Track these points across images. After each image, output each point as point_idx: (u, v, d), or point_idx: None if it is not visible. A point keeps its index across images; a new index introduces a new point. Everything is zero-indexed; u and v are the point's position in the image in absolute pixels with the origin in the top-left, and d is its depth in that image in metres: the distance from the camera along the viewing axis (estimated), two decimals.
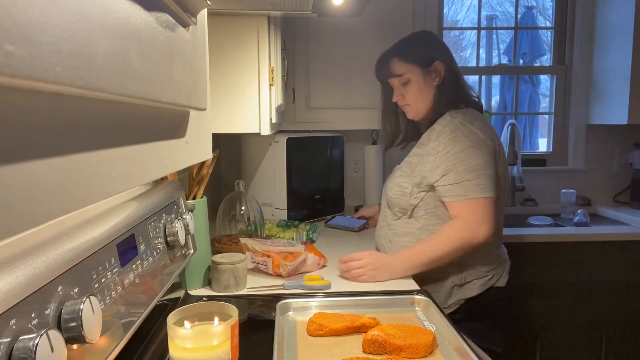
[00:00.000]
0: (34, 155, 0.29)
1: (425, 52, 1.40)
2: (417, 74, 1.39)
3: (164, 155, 0.57)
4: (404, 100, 1.44)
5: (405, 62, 1.40)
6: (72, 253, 0.52)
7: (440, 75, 1.39)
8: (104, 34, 0.34)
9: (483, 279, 1.36)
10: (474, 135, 1.29)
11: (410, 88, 1.41)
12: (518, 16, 2.62)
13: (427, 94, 1.40)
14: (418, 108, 1.42)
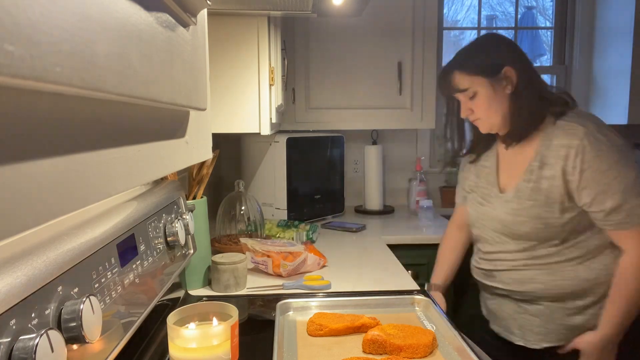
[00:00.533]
0: (34, 155, 0.29)
1: (490, 60, 1.24)
2: (485, 85, 1.22)
3: (164, 155, 0.57)
4: (474, 115, 1.27)
5: (469, 75, 1.23)
6: (72, 253, 0.52)
7: (512, 82, 1.21)
8: (104, 34, 0.34)
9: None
10: (617, 144, 1.14)
11: (478, 101, 1.24)
12: (518, 16, 2.62)
13: (500, 104, 1.23)
14: (492, 121, 1.26)
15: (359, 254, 1.59)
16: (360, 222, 2.04)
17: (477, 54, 1.28)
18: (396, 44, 2.16)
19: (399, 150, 2.49)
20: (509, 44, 1.29)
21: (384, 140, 2.45)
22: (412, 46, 2.16)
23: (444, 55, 2.53)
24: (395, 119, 2.19)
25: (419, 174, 2.29)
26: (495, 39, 1.31)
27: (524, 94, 1.21)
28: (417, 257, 1.85)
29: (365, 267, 1.44)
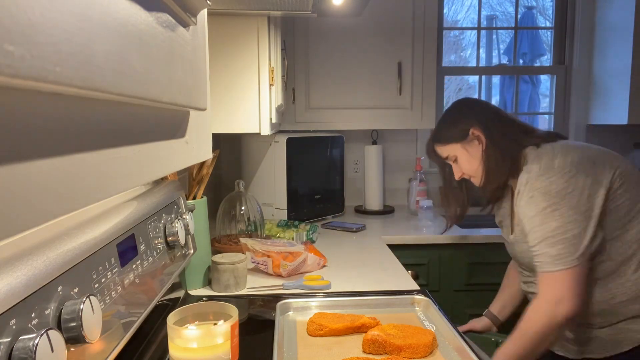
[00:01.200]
0: (34, 155, 0.29)
1: (456, 127, 1.36)
2: (459, 149, 1.36)
3: (164, 155, 0.57)
4: (465, 175, 1.40)
5: (444, 145, 1.39)
6: (72, 253, 0.52)
7: (481, 140, 1.32)
8: (104, 34, 0.34)
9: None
10: (551, 190, 1.13)
11: (461, 163, 1.38)
12: (518, 16, 2.62)
13: (480, 160, 1.33)
14: (479, 176, 1.36)
15: (359, 254, 1.59)
16: (360, 222, 2.04)
17: (445, 125, 1.41)
18: (396, 44, 2.16)
19: (399, 150, 2.49)
20: (470, 105, 1.42)
21: (384, 140, 2.45)
22: (412, 46, 2.16)
23: (444, 55, 2.53)
24: (395, 119, 2.19)
25: (419, 174, 2.29)
26: (458, 106, 1.44)
27: (497, 145, 1.30)
28: (417, 257, 1.85)
29: (365, 267, 1.44)
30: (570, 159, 1.15)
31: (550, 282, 1.12)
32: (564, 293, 1.10)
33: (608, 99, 2.31)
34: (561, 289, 1.10)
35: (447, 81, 2.56)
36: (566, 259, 1.10)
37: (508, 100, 3.21)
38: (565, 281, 1.10)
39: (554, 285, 1.11)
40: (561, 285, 1.11)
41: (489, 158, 1.31)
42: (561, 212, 1.11)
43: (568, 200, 1.11)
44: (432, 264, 1.88)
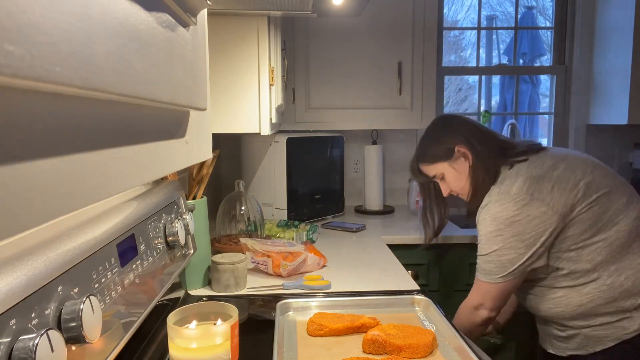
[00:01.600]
0: (34, 155, 0.29)
1: (441, 145, 1.38)
2: (446, 168, 1.39)
3: (164, 155, 0.57)
4: (453, 192, 1.44)
5: (430, 164, 1.41)
6: (72, 253, 0.52)
7: (467, 156, 1.35)
8: (104, 34, 0.34)
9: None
10: (501, 217, 1.21)
11: (449, 180, 1.41)
12: (518, 16, 2.63)
13: (467, 177, 1.37)
14: (467, 192, 1.40)
15: (359, 254, 1.59)
16: (360, 222, 2.04)
17: (429, 144, 1.43)
18: (396, 44, 2.16)
19: (399, 150, 2.49)
20: (450, 121, 1.43)
21: (384, 140, 2.45)
22: (412, 46, 2.16)
23: (444, 55, 2.53)
24: (395, 119, 2.19)
25: None
26: (439, 124, 1.46)
27: (482, 160, 1.33)
28: (417, 257, 1.85)
29: (365, 267, 1.44)
30: (527, 187, 1.21)
31: (477, 288, 1.28)
32: (484, 302, 1.24)
33: (608, 99, 2.32)
34: (483, 297, 1.25)
35: (447, 81, 2.56)
36: (493, 276, 1.24)
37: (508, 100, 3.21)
38: (489, 292, 1.25)
39: (478, 292, 1.27)
40: (484, 294, 1.25)
41: (476, 174, 1.34)
42: (504, 237, 1.21)
43: (514, 227, 1.20)
44: (432, 264, 1.88)
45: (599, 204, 1.19)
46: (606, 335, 1.18)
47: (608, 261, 1.17)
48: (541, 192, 1.19)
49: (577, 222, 1.18)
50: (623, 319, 1.16)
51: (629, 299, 1.15)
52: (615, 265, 1.16)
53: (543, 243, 1.18)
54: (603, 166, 1.28)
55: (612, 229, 1.17)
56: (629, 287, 1.15)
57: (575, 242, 1.18)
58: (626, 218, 1.18)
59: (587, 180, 1.20)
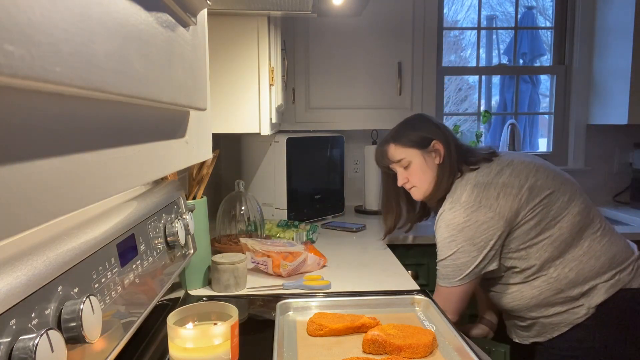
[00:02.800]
0: (34, 155, 0.29)
1: (421, 134, 1.40)
2: (417, 156, 1.40)
3: (164, 155, 0.57)
4: (410, 183, 1.44)
5: (403, 147, 1.41)
6: (72, 253, 0.52)
7: (440, 154, 1.38)
8: (104, 34, 0.34)
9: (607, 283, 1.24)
10: (453, 223, 1.27)
11: (412, 170, 1.41)
12: (518, 16, 2.62)
13: (431, 174, 1.39)
14: (424, 188, 1.41)
15: (359, 254, 1.59)
16: (360, 222, 2.04)
17: (408, 129, 1.44)
18: (396, 44, 2.16)
19: None
20: (437, 123, 1.46)
21: None
22: (412, 46, 2.16)
23: (444, 55, 2.53)
24: (395, 119, 2.18)
25: None
26: (425, 118, 1.49)
27: (450, 163, 1.37)
28: (417, 257, 1.85)
29: (365, 267, 1.44)
30: (475, 194, 1.28)
31: (437, 294, 1.33)
32: (446, 306, 1.26)
33: (608, 99, 2.32)
34: (444, 302, 1.29)
35: (447, 81, 2.56)
36: (450, 280, 1.29)
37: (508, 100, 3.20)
38: (449, 296, 1.30)
39: (439, 298, 1.30)
40: (445, 299, 1.30)
41: (442, 173, 1.38)
42: (457, 242, 1.27)
43: (465, 232, 1.26)
44: (432, 264, 1.88)
45: (542, 205, 1.26)
46: (560, 321, 1.27)
47: (554, 256, 1.26)
48: (488, 199, 1.26)
49: (523, 224, 1.26)
50: (573, 307, 1.25)
51: (575, 288, 1.24)
52: (560, 259, 1.26)
53: (493, 246, 1.25)
54: (547, 167, 1.34)
55: (555, 226, 1.26)
56: (574, 278, 1.24)
57: (523, 241, 1.27)
58: (568, 215, 1.27)
59: (530, 183, 1.28)
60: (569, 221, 1.26)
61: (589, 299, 1.24)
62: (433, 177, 1.39)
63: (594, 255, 1.26)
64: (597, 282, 1.24)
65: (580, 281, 1.24)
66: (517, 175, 1.29)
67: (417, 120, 1.48)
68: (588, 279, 1.24)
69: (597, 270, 1.24)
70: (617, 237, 1.32)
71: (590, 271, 1.24)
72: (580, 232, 1.27)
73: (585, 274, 1.24)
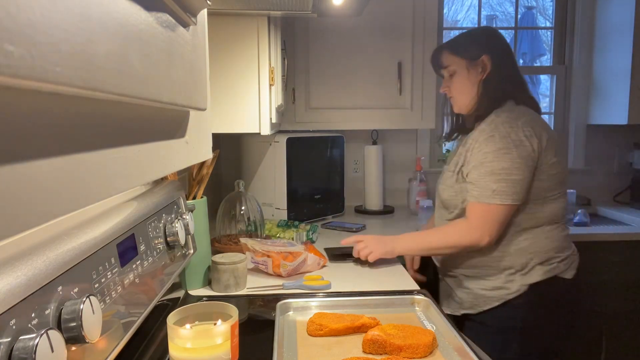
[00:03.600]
0: (34, 155, 0.29)
1: (474, 46, 1.39)
2: (462, 66, 1.39)
3: (164, 155, 0.57)
4: (450, 93, 1.45)
5: (453, 54, 1.41)
6: (72, 253, 0.52)
7: (485, 70, 1.36)
8: (104, 34, 0.34)
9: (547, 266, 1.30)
10: (510, 137, 1.26)
11: (455, 80, 1.41)
12: (518, 16, 2.62)
13: (471, 87, 1.38)
14: (462, 101, 1.41)
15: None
16: (360, 222, 2.04)
17: (465, 38, 1.45)
18: (396, 44, 2.16)
19: (399, 150, 2.49)
20: (497, 38, 1.43)
21: (384, 140, 2.45)
22: (412, 46, 2.16)
23: None
24: (395, 119, 2.19)
25: (419, 174, 2.29)
26: (487, 32, 1.48)
27: (493, 83, 1.36)
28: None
29: (365, 267, 1.44)
30: (531, 127, 1.27)
31: (482, 212, 1.27)
32: (491, 225, 1.25)
33: (608, 99, 2.31)
34: (490, 220, 1.26)
35: None
36: (503, 196, 1.25)
37: None
38: (495, 215, 1.26)
39: (484, 216, 1.26)
40: (491, 218, 1.26)
41: (483, 89, 1.37)
42: (512, 156, 1.24)
43: (521, 150, 1.25)
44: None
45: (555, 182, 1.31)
46: (493, 296, 1.32)
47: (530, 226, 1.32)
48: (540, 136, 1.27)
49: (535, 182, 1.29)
50: (508, 282, 1.30)
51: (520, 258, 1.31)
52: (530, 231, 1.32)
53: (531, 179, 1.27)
54: None
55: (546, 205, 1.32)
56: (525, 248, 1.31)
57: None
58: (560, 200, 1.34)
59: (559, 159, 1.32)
60: (557, 206, 1.32)
61: (524, 277, 1.29)
62: (473, 92, 1.38)
63: (551, 238, 1.31)
64: (537, 263, 1.30)
65: (526, 254, 1.30)
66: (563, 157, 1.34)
67: (480, 32, 1.48)
68: (534, 256, 1.30)
69: (546, 251, 1.30)
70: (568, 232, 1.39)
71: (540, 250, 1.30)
72: (556, 219, 1.33)
73: (535, 249, 1.30)
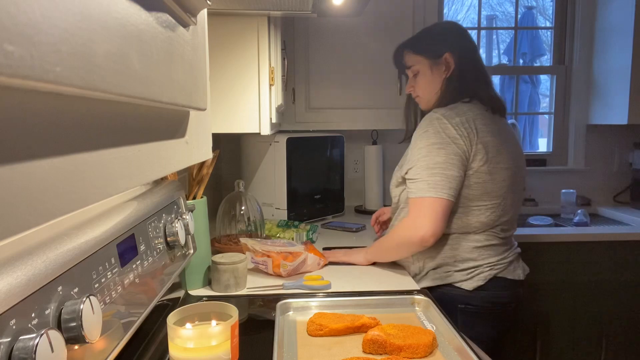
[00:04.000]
0: (34, 155, 0.29)
1: (435, 44, 1.39)
2: (425, 65, 1.39)
3: (164, 155, 0.57)
4: (415, 92, 1.45)
5: (415, 54, 1.41)
6: (72, 253, 0.52)
7: (449, 68, 1.37)
8: (104, 34, 0.34)
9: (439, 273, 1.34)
10: (445, 132, 1.26)
11: (419, 79, 1.41)
12: (518, 16, 2.62)
13: (435, 85, 1.38)
14: (428, 99, 1.41)
15: None
16: (360, 222, 2.04)
17: (425, 37, 1.44)
18: (396, 44, 2.15)
19: (399, 150, 2.49)
20: (459, 33, 1.42)
21: (384, 140, 2.45)
22: None
23: None
24: (395, 119, 2.19)
25: None
26: (449, 28, 1.45)
27: (454, 80, 1.36)
28: None
29: (365, 267, 1.44)
30: (469, 127, 1.27)
31: (419, 205, 1.26)
32: (429, 217, 1.23)
33: (608, 99, 2.31)
34: (427, 213, 1.24)
35: None
36: (437, 189, 1.24)
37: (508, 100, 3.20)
38: (432, 207, 1.24)
39: (421, 209, 1.25)
40: (428, 210, 1.24)
41: (446, 88, 1.37)
42: (446, 151, 1.25)
43: (454, 147, 1.25)
44: None
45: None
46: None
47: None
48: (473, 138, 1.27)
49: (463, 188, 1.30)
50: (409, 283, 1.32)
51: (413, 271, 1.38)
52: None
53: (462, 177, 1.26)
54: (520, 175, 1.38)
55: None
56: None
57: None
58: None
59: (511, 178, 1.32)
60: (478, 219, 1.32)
61: (420, 281, 1.35)
62: (437, 90, 1.38)
63: (452, 246, 1.33)
64: (430, 268, 1.34)
65: (423, 259, 1.35)
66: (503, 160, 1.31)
67: (440, 28, 1.46)
68: (428, 261, 1.34)
69: (442, 258, 1.33)
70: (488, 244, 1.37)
71: (436, 255, 1.34)
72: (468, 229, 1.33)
73: (431, 254, 1.33)
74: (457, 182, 1.25)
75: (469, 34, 1.45)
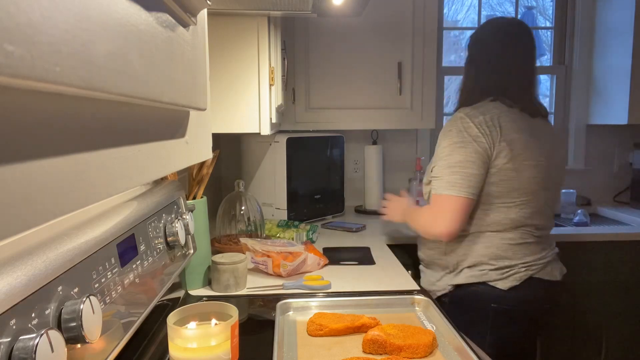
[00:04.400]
0: (34, 155, 0.29)
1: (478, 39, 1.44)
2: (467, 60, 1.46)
3: (164, 155, 0.57)
4: None
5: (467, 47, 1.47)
6: (72, 253, 0.52)
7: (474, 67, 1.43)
8: (104, 34, 0.34)
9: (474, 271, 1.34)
10: (467, 131, 1.28)
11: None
12: (518, 16, 2.62)
13: (465, 81, 1.45)
14: (460, 94, 1.46)
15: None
16: (360, 222, 2.04)
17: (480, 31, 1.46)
18: (396, 44, 2.16)
19: (399, 150, 2.49)
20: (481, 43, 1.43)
21: (384, 140, 2.45)
22: (412, 46, 2.16)
23: (444, 55, 2.53)
24: (395, 119, 2.19)
25: (419, 174, 2.28)
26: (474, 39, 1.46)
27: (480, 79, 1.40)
28: (417, 257, 1.85)
29: (365, 267, 1.44)
30: (496, 124, 1.29)
31: (439, 202, 1.30)
32: (446, 215, 1.27)
33: (608, 99, 2.31)
34: (445, 210, 1.28)
35: (447, 81, 2.56)
36: (458, 188, 1.26)
37: None
38: (450, 205, 1.27)
39: (440, 206, 1.29)
40: (446, 208, 1.27)
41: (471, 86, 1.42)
42: (467, 150, 1.27)
43: (475, 145, 1.27)
44: None
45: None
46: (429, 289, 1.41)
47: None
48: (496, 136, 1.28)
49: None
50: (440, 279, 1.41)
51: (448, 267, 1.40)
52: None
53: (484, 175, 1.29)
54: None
55: None
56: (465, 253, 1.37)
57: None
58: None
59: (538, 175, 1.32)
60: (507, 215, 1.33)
61: (453, 278, 1.37)
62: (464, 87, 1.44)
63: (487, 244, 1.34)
64: (466, 266, 1.36)
65: (459, 256, 1.37)
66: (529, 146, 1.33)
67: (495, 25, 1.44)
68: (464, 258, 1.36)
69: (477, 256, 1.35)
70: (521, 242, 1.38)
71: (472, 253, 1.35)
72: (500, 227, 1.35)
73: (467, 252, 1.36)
74: (476, 180, 1.27)
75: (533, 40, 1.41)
